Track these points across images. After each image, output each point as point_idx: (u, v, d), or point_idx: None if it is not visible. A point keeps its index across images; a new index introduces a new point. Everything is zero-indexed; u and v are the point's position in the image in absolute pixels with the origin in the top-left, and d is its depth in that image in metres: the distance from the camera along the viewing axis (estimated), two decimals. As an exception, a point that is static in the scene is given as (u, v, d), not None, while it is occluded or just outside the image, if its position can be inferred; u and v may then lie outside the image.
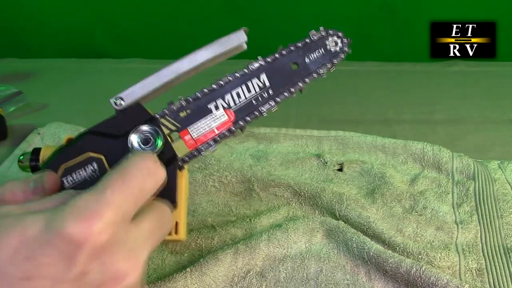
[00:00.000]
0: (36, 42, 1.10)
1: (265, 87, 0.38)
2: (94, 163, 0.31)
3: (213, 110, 0.37)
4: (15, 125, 0.72)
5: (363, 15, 0.99)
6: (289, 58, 0.39)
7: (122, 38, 1.08)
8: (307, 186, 0.51)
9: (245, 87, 0.38)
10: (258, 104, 0.38)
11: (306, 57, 0.39)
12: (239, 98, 0.37)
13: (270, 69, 0.38)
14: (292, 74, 0.39)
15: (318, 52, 0.40)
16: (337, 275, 0.41)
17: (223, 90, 0.38)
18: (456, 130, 0.69)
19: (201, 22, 1.04)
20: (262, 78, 0.38)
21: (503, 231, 0.46)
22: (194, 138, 0.36)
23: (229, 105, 0.37)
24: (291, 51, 0.39)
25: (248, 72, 0.38)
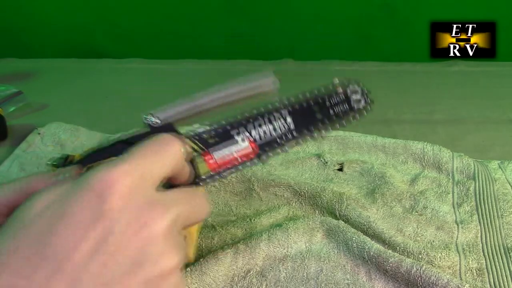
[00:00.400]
0: (36, 42, 1.10)
1: (289, 129, 0.40)
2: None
3: (239, 141, 0.38)
4: (15, 125, 0.72)
5: (363, 15, 0.99)
6: (315, 107, 0.41)
7: (122, 38, 1.08)
8: (307, 185, 0.51)
9: (271, 125, 0.39)
10: (281, 142, 0.39)
11: (330, 108, 0.42)
12: (265, 134, 0.39)
13: (296, 113, 0.40)
14: (316, 121, 0.41)
15: (342, 106, 0.42)
16: (337, 275, 0.41)
17: (250, 124, 0.39)
18: (456, 130, 0.69)
19: (201, 22, 1.04)
20: (288, 121, 0.40)
21: (504, 231, 0.46)
22: (217, 162, 0.37)
23: (255, 138, 0.39)
24: (317, 101, 0.41)
25: (275, 112, 0.40)
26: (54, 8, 1.05)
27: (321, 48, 1.04)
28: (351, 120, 0.42)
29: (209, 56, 1.03)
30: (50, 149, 0.64)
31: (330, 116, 0.41)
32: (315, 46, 1.04)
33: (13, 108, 0.78)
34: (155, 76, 0.97)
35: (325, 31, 1.02)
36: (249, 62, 1.00)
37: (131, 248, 0.23)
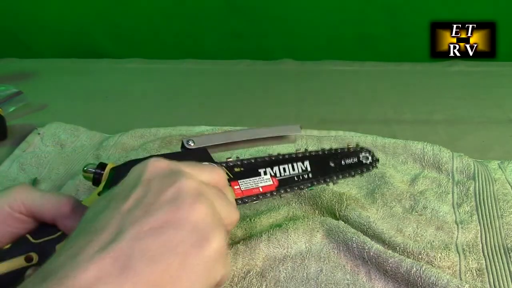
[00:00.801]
0: (36, 42, 1.10)
1: (306, 171, 0.46)
2: None
3: (262, 174, 0.44)
4: (15, 125, 0.72)
5: (363, 15, 0.99)
6: (329, 157, 0.48)
7: (122, 38, 1.08)
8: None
9: (291, 166, 0.45)
10: (298, 181, 0.45)
11: (342, 160, 0.48)
12: (285, 172, 0.45)
13: (313, 160, 0.46)
14: (330, 169, 0.47)
15: (353, 159, 0.49)
16: (337, 275, 0.41)
17: (274, 162, 0.45)
18: (456, 130, 0.69)
19: (201, 22, 1.04)
20: (306, 164, 0.46)
21: (503, 231, 0.46)
22: (242, 190, 0.42)
23: (276, 174, 0.44)
24: (332, 153, 0.48)
25: (296, 156, 0.46)
26: (54, 8, 1.05)
27: (321, 48, 1.04)
28: (359, 172, 0.48)
29: (209, 56, 1.03)
30: (50, 149, 0.64)
31: (342, 166, 0.48)
32: (315, 46, 1.04)
33: (13, 108, 0.78)
34: (155, 76, 0.97)
35: (325, 31, 1.02)
36: (249, 62, 1.00)
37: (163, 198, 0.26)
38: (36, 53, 1.08)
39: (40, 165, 0.59)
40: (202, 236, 0.25)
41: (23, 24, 1.08)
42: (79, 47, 1.10)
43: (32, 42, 1.10)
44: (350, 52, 1.03)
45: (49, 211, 0.33)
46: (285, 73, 0.95)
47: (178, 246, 0.24)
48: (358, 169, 0.48)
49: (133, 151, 0.61)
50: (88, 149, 0.64)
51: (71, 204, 0.33)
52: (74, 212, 0.33)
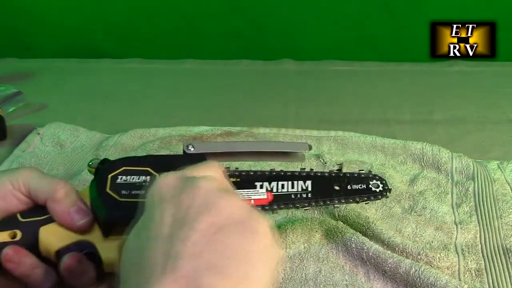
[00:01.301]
0: (36, 42, 1.10)
1: (306, 190, 0.43)
2: (148, 176, 0.36)
3: (258, 187, 0.42)
4: (15, 125, 0.72)
5: (363, 15, 0.99)
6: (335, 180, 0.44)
7: (122, 38, 1.08)
8: (306, 186, 0.51)
9: (291, 183, 0.43)
10: (295, 199, 0.42)
11: (349, 184, 0.44)
12: (282, 188, 0.42)
13: (316, 180, 0.43)
14: (333, 192, 0.43)
15: (361, 186, 0.44)
16: (336, 276, 0.41)
17: (273, 177, 0.43)
18: (456, 130, 0.69)
19: (201, 22, 1.04)
20: (307, 184, 0.43)
21: (503, 231, 0.46)
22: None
23: (272, 189, 0.42)
24: (338, 176, 0.44)
25: (298, 174, 0.44)
26: (54, 8, 1.05)
27: (321, 48, 1.04)
28: (365, 199, 0.44)
29: (209, 56, 1.03)
30: (49, 149, 0.64)
31: (347, 191, 0.43)
32: (315, 46, 1.04)
33: (13, 108, 0.78)
34: (155, 76, 0.97)
35: (325, 31, 1.02)
36: (249, 62, 1.00)
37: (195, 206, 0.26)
38: (36, 53, 1.08)
39: (39, 165, 0.60)
40: (250, 227, 0.25)
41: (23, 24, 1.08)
42: (79, 47, 1.09)
43: (32, 42, 1.10)
44: (350, 52, 1.02)
45: (43, 193, 0.34)
46: (285, 73, 0.95)
47: (236, 247, 0.24)
48: (364, 196, 0.44)
49: (132, 151, 0.61)
50: (88, 149, 0.64)
51: (65, 190, 0.34)
52: (65, 198, 0.34)
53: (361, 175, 0.45)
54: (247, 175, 0.42)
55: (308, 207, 0.43)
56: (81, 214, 0.34)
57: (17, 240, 0.33)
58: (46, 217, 0.34)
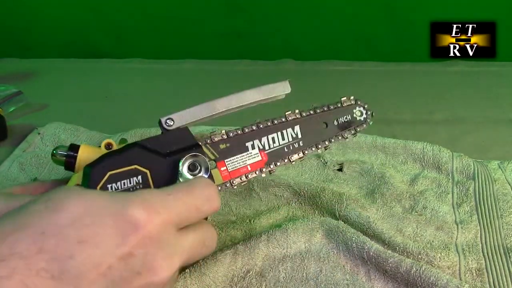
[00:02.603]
0: (36, 42, 1.10)
1: (297, 138, 0.42)
2: (139, 176, 0.33)
3: (250, 149, 0.40)
4: (15, 125, 0.72)
5: (363, 15, 0.99)
6: (321, 118, 0.44)
7: (122, 38, 1.08)
8: (307, 186, 0.51)
9: (280, 134, 0.42)
10: (288, 152, 0.41)
11: (335, 120, 0.44)
12: (274, 143, 0.41)
13: (304, 124, 0.43)
14: (322, 131, 0.43)
15: (346, 118, 0.45)
16: (337, 275, 0.41)
17: (261, 132, 0.41)
18: (456, 130, 0.69)
19: (201, 22, 1.04)
20: (296, 130, 0.42)
21: (503, 231, 0.46)
22: (228, 171, 0.39)
23: (264, 147, 0.41)
24: (324, 112, 0.44)
25: (286, 121, 0.42)
26: (54, 8, 1.05)
27: (321, 48, 1.04)
28: (352, 132, 0.44)
29: (209, 56, 1.03)
30: (50, 149, 0.64)
31: (334, 126, 0.43)
32: (315, 46, 1.04)
33: (13, 108, 0.78)
34: (155, 76, 0.97)
35: (325, 31, 1.02)
36: (249, 62, 1.00)
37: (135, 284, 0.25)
38: (36, 53, 1.08)
39: (40, 165, 0.59)
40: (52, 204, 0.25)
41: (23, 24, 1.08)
42: (79, 47, 1.10)
43: (32, 42, 1.10)
44: (350, 52, 1.03)
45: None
46: (285, 73, 0.95)
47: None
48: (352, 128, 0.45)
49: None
50: (88, 149, 0.64)
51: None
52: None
53: (343, 104, 0.45)
54: (236, 137, 0.40)
55: (302, 157, 0.42)
56: None
57: None
58: None
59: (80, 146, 0.36)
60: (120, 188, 0.33)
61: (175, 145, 0.36)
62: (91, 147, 0.36)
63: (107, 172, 0.33)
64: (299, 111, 0.43)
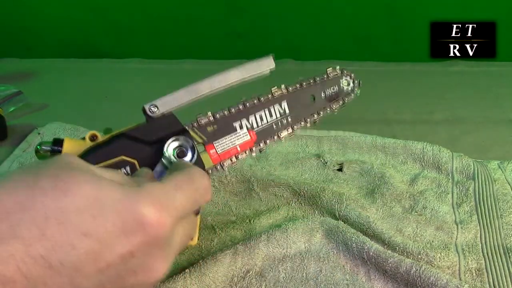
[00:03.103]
0: (36, 42, 1.10)
1: (285, 114, 0.41)
2: (127, 166, 0.33)
3: (238, 129, 0.39)
4: (15, 125, 0.72)
5: (363, 15, 0.99)
6: (308, 93, 0.43)
7: (122, 38, 1.08)
8: (307, 186, 0.51)
9: (268, 111, 0.41)
10: (277, 129, 0.41)
11: (323, 92, 0.44)
12: (262, 121, 0.40)
13: (291, 99, 0.42)
14: (310, 105, 0.43)
15: (333, 89, 0.44)
16: (337, 275, 0.41)
17: (248, 111, 0.40)
18: (456, 130, 0.69)
19: (201, 22, 1.04)
20: (284, 106, 0.41)
21: (503, 231, 0.46)
22: (218, 153, 0.38)
23: (252, 126, 0.40)
24: (310, 86, 0.43)
25: (271, 98, 0.41)
26: (54, 8, 1.05)
27: (321, 48, 1.04)
28: (341, 104, 0.44)
29: (209, 56, 1.03)
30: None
31: (322, 99, 0.43)
32: (315, 46, 1.04)
33: (13, 108, 0.78)
34: (155, 76, 0.97)
35: (325, 31, 1.02)
36: (249, 62, 1.00)
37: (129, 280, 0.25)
38: (36, 53, 1.08)
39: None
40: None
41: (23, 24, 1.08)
42: (79, 47, 1.09)
43: (32, 42, 1.10)
44: (350, 52, 1.02)
45: None
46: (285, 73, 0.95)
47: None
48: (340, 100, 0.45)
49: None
50: (88, 149, 0.64)
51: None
52: None
53: (329, 75, 0.44)
54: (223, 119, 0.39)
55: (292, 133, 0.42)
56: None
57: None
58: None
59: (64, 139, 0.35)
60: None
61: (161, 131, 0.35)
62: (75, 140, 0.35)
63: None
64: (285, 86, 0.43)
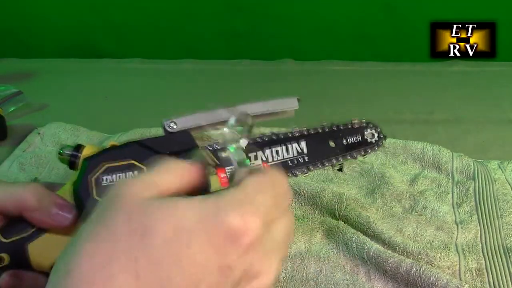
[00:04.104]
0: (36, 42, 1.10)
1: (302, 153, 0.41)
2: (135, 171, 0.33)
3: (252, 159, 0.39)
4: (15, 125, 0.72)
5: (363, 15, 0.99)
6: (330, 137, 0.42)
7: (122, 38, 1.08)
8: (307, 186, 0.51)
9: (285, 147, 0.41)
10: (292, 166, 0.40)
11: (344, 139, 0.43)
12: (277, 155, 0.40)
13: (311, 140, 0.41)
14: (329, 150, 0.42)
15: (356, 138, 0.43)
16: (337, 275, 0.41)
17: (265, 144, 0.40)
18: (456, 130, 0.69)
19: (201, 22, 1.04)
20: (302, 145, 0.41)
21: (503, 231, 0.46)
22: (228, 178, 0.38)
23: (267, 159, 0.40)
24: (333, 131, 0.42)
25: (291, 135, 0.41)
26: (54, 8, 1.05)
27: (321, 48, 1.04)
28: (362, 153, 0.44)
29: (209, 56, 1.03)
30: (50, 149, 0.64)
31: (343, 146, 0.42)
32: (315, 46, 1.04)
33: (13, 108, 0.78)
34: (155, 76, 0.97)
35: (325, 31, 1.02)
36: (249, 62, 1.00)
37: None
38: (36, 53, 1.08)
39: (40, 165, 0.59)
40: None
41: (23, 24, 1.08)
42: (79, 47, 1.09)
43: (32, 42, 1.10)
44: (350, 52, 1.02)
45: (13, 205, 0.30)
46: (285, 73, 0.95)
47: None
48: (361, 149, 0.43)
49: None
50: (88, 149, 0.64)
51: (36, 195, 0.30)
52: (40, 203, 0.30)
53: (354, 125, 0.44)
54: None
55: (307, 173, 0.41)
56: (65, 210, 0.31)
57: (4, 265, 0.30)
58: (31, 232, 0.31)
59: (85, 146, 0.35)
60: (115, 180, 0.32)
61: (175, 146, 0.36)
62: (96, 146, 0.36)
63: (102, 163, 0.32)
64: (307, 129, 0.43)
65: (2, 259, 0.30)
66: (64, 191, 0.33)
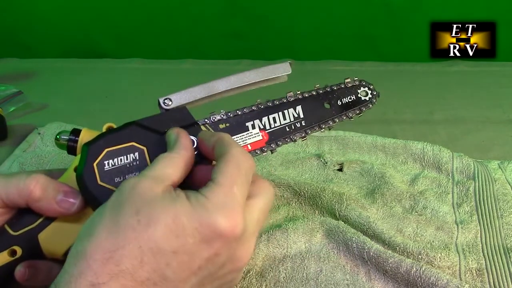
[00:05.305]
0: (36, 42, 1.10)
1: (299, 118, 0.42)
2: (136, 152, 0.33)
3: (250, 128, 0.40)
4: (15, 125, 0.72)
5: (363, 15, 0.99)
6: (324, 98, 0.44)
7: (122, 38, 1.08)
8: (307, 186, 0.51)
9: (282, 114, 0.41)
10: (290, 132, 0.41)
11: (339, 99, 0.44)
12: (275, 122, 0.41)
13: (306, 104, 0.42)
14: (325, 112, 0.43)
15: (350, 98, 0.45)
16: (337, 275, 0.41)
17: (262, 112, 0.41)
18: (456, 130, 0.69)
19: (201, 22, 1.04)
20: (298, 110, 0.42)
21: (503, 231, 0.46)
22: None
23: (265, 127, 0.41)
24: (327, 93, 0.43)
25: (286, 101, 0.42)
26: (54, 8, 1.05)
27: (321, 48, 1.04)
28: (357, 112, 0.44)
29: (209, 56, 1.03)
30: (50, 149, 0.64)
31: (338, 106, 0.43)
32: (315, 46, 1.04)
33: (13, 108, 0.78)
34: (155, 76, 0.97)
35: (325, 31, 1.02)
36: (249, 62, 1.00)
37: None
38: (36, 53, 1.08)
39: (40, 165, 0.59)
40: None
41: (23, 24, 1.08)
42: (79, 47, 1.09)
43: (32, 42, 1.10)
44: (350, 52, 1.02)
45: (19, 196, 0.31)
46: (285, 73, 0.95)
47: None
48: (356, 109, 0.45)
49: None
50: (88, 149, 0.64)
51: (40, 184, 0.31)
52: (45, 192, 0.31)
53: (347, 84, 0.45)
54: (235, 118, 0.40)
55: (305, 137, 0.42)
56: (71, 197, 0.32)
57: (18, 257, 0.31)
58: (40, 222, 0.32)
59: (81, 130, 0.36)
60: (116, 164, 0.32)
61: (173, 123, 0.36)
62: (93, 131, 0.36)
63: (104, 149, 0.33)
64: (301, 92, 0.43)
65: (15, 251, 0.31)
66: (66, 178, 0.34)
